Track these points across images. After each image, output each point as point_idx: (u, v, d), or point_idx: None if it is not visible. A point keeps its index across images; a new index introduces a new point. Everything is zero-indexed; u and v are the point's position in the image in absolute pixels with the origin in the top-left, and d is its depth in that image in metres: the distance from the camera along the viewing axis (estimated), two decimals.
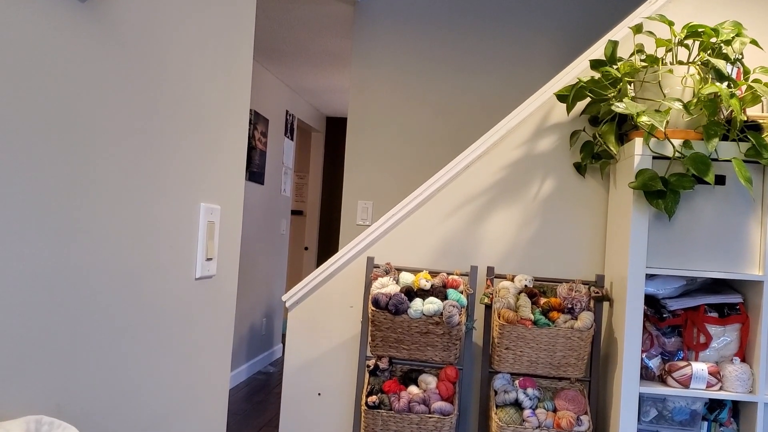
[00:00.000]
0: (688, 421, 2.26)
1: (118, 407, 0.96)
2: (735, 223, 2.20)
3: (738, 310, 2.26)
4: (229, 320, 1.35)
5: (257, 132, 5.29)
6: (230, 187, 1.34)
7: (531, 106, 2.64)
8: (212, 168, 1.25)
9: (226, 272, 1.33)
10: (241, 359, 5.47)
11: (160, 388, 1.09)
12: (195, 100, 1.16)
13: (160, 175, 1.04)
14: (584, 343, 2.30)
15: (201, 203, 1.21)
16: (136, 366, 1.00)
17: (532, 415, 2.28)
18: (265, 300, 5.97)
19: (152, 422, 1.06)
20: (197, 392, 1.23)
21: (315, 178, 7.71)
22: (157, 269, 1.06)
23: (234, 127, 1.34)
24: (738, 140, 2.16)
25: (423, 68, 3.90)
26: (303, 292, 2.74)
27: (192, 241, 1.18)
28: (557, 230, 2.61)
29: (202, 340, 1.24)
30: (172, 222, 1.10)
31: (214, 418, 1.30)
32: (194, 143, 1.16)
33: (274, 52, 5.06)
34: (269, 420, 4.40)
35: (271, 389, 5.22)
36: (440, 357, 2.42)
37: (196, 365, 1.22)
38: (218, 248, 1.29)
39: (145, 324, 1.03)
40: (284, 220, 6.45)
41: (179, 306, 1.14)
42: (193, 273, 1.19)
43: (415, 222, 2.68)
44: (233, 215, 1.35)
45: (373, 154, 3.92)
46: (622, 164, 2.41)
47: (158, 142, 1.03)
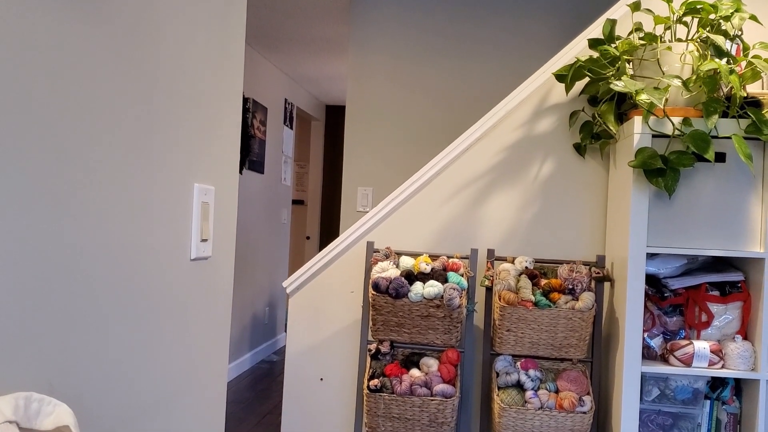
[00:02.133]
0: (690, 400, 2.26)
1: (112, 389, 0.95)
2: (735, 200, 2.19)
3: (739, 288, 2.25)
4: (226, 302, 1.35)
5: (256, 120, 5.27)
6: (225, 168, 1.32)
7: (529, 87, 2.62)
8: (206, 149, 1.23)
9: (221, 254, 1.32)
10: (245, 348, 5.48)
11: (156, 370, 1.08)
12: (188, 80, 1.14)
13: (152, 154, 1.03)
14: (585, 323, 2.30)
15: (195, 183, 1.20)
16: (130, 347, 1.00)
17: (534, 396, 2.27)
18: (267, 289, 5.98)
19: (148, 405, 1.06)
20: (195, 375, 1.22)
21: (315, 168, 7.69)
22: (151, 250, 1.05)
23: (228, 108, 1.33)
24: (738, 117, 2.14)
25: (421, 54, 3.87)
26: (304, 278, 2.74)
27: (186, 222, 1.17)
28: (557, 211, 2.60)
29: (199, 322, 1.23)
30: (165, 202, 1.09)
31: (213, 401, 1.30)
32: (187, 123, 1.15)
33: (272, 40, 5.03)
34: (273, 407, 4.41)
35: (274, 377, 5.23)
36: (441, 340, 2.41)
37: (193, 347, 1.21)
38: (213, 230, 1.29)
39: (139, 304, 1.02)
40: (285, 209, 6.44)
41: (174, 287, 1.13)
42: (187, 254, 1.19)
43: (415, 206, 2.67)
44: (228, 196, 1.34)
45: (373, 140, 3.90)
46: (621, 144, 2.39)
47: (150, 121, 1.02)
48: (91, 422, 0.89)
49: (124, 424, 0.98)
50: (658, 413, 2.27)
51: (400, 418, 2.36)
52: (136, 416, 1.01)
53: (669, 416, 2.27)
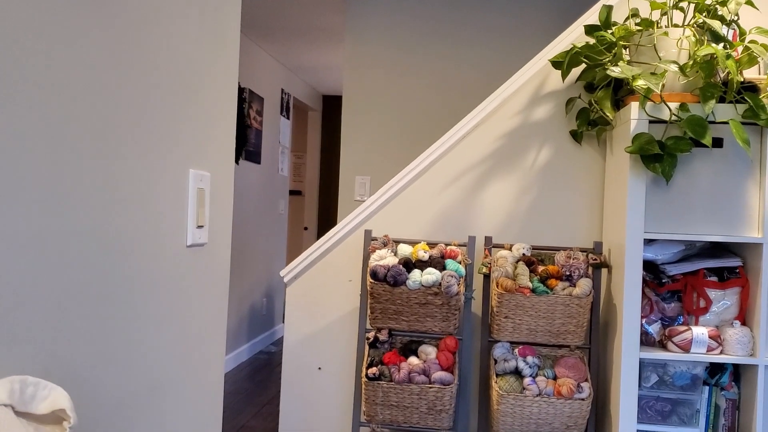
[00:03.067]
0: (689, 386, 2.26)
1: (108, 373, 0.95)
2: (733, 185, 2.18)
3: (737, 274, 2.25)
4: (223, 289, 1.34)
5: (252, 111, 5.25)
6: (220, 154, 1.32)
7: (526, 74, 2.61)
8: (201, 135, 1.23)
9: (218, 240, 1.31)
10: (242, 339, 5.49)
11: (153, 355, 1.08)
12: (182, 66, 1.13)
13: (146, 139, 1.03)
14: (583, 310, 2.30)
15: (190, 169, 1.19)
16: (127, 332, 0.99)
17: (532, 383, 2.28)
18: (265, 280, 5.97)
19: (146, 389, 1.05)
20: (192, 361, 1.22)
21: (313, 158, 7.68)
22: (147, 235, 1.05)
23: (223, 95, 1.32)
24: (735, 102, 2.13)
25: (417, 42, 3.86)
26: (301, 267, 2.73)
27: (182, 208, 1.17)
28: (554, 198, 2.59)
29: (196, 308, 1.23)
30: (160, 188, 1.08)
31: (211, 387, 1.30)
32: (181, 109, 1.14)
33: (267, 29, 5.01)
34: (271, 398, 4.42)
35: (273, 368, 5.24)
36: (440, 327, 2.41)
37: (190, 334, 1.21)
38: (209, 216, 1.28)
39: (135, 290, 1.01)
40: (282, 199, 6.43)
41: (170, 273, 1.13)
42: (184, 240, 1.18)
43: (413, 194, 2.67)
44: (224, 183, 1.34)
45: (370, 129, 3.89)
46: (618, 130, 2.38)
47: (144, 106, 1.01)
48: (87, 406, 0.89)
49: (122, 408, 0.98)
50: (656, 399, 2.27)
51: (398, 405, 2.37)
52: (133, 400, 1.01)
53: (668, 402, 2.27)
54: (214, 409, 1.31)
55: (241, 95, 4.89)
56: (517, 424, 2.30)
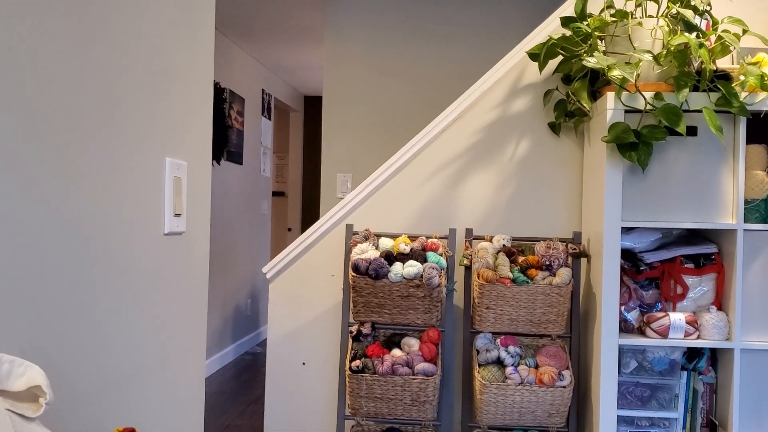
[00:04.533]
0: (667, 371, 2.29)
1: (85, 358, 0.95)
2: (708, 173, 2.22)
3: (713, 260, 2.29)
4: (202, 279, 1.35)
5: (233, 111, 5.25)
6: (197, 144, 1.32)
7: (504, 67, 2.64)
8: (177, 123, 1.23)
9: (196, 229, 1.32)
10: (228, 341, 5.47)
11: (132, 342, 1.08)
12: (155, 54, 1.14)
13: (121, 127, 1.03)
14: (563, 299, 2.32)
15: (166, 158, 1.19)
16: (104, 318, 0.99)
17: (514, 372, 2.29)
18: (249, 281, 5.96)
19: (125, 375, 1.05)
20: (173, 349, 1.22)
21: (296, 159, 7.67)
22: (123, 223, 1.05)
23: (199, 84, 1.32)
24: (708, 90, 2.17)
25: (396, 38, 3.87)
26: (283, 263, 2.74)
27: (158, 196, 1.17)
28: (534, 190, 2.62)
29: (175, 296, 1.23)
30: (136, 176, 1.09)
31: (192, 376, 1.30)
32: (157, 97, 1.15)
33: (247, 29, 5.00)
34: (257, 397, 4.41)
35: (258, 368, 5.23)
36: (422, 320, 2.43)
37: (171, 322, 1.21)
38: (187, 205, 1.28)
39: (113, 277, 1.02)
40: (265, 200, 6.42)
41: (148, 261, 1.13)
42: (161, 228, 1.18)
43: (393, 188, 2.68)
44: (201, 172, 1.34)
45: (351, 126, 3.90)
46: (595, 121, 2.41)
47: (119, 94, 1.02)
48: (63, 390, 0.89)
49: (101, 393, 0.98)
50: (636, 385, 2.30)
51: (382, 398, 2.38)
52: (113, 385, 1.01)
53: (647, 388, 2.30)
54: (195, 399, 1.31)
55: (222, 95, 4.88)
56: (500, 413, 2.32)
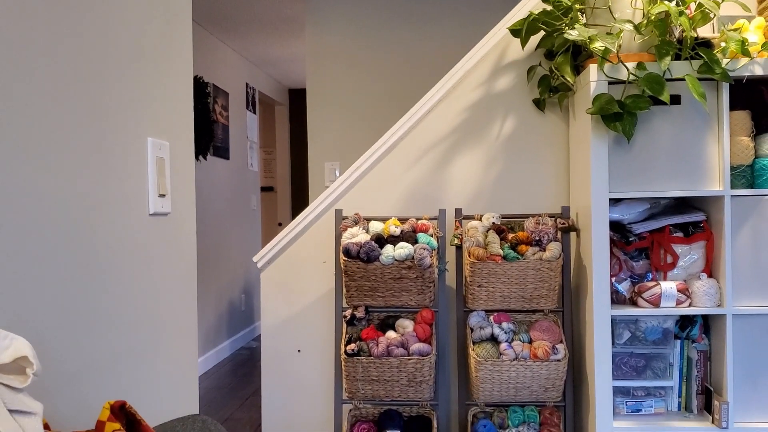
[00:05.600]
0: (661, 340, 2.30)
1: (74, 337, 0.94)
2: (693, 141, 2.22)
3: (702, 228, 2.30)
4: (190, 258, 1.34)
5: (218, 106, 5.22)
6: (179, 124, 1.31)
7: (486, 45, 2.63)
8: (158, 103, 1.22)
9: (182, 210, 1.31)
10: (223, 336, 5.46)
11: (121, 321, 1.07)
12: (135, 33, 1.13)
13: (103, 107, 1.02)
14: (554, 273, 2.33)
15: (148, 138, 1.18)
16: (92, 298, 0.99)
17: (508, 348, 2.30)
18: (242, 276, 5.95)
19: (115, 354, 1.05)
20: (163, 328, 1.22)
21: (283, 153, 7.65)
22: (108, 203, 1.04)
23: (178, 64, 1.31)
24: (690, 58, 2.17)
25: (378, 25, 3.86)
26: (274, 251, 2.73)
27: (142, 176, 1.16)
28: (521, 167, 2.62)
29: (163, 276, 1.22)
30: (119, 156, 1.08)
31: (184, 354, 1.30)
32: (137, 78, 1.14)
33: (229, 23, 4.97)
34: (255, 390, 4.41)
35: (255, 362, 5.22)
36: (415, 301, 2.43)
37: (160, 301, 1.21)
38: (171, 186, 1.27)
39: (100, 256, 1.01)
40: (254, 195, 6.40)
41: (135, 241, 1.12)
42: (146, 209, 1.18)
43: (381, 172, 2.68)
44: (184, 152, 1.33)
45: (336, 114, 3.89)
46: (579, 95, 2.41)
47: (100, 75, 1.01)
48: (52, 367, 0.88)
49: (90, 372, 0.97)
50: (630, 355, 2.31)
51: (378, 380, 2.38)
52: (102, 364, 1.01)
53: (641, 357, 2.31)
54: (188, 378, 1.31)
55: (205, 90, 4.85)
56: (497, 389, 2.32)
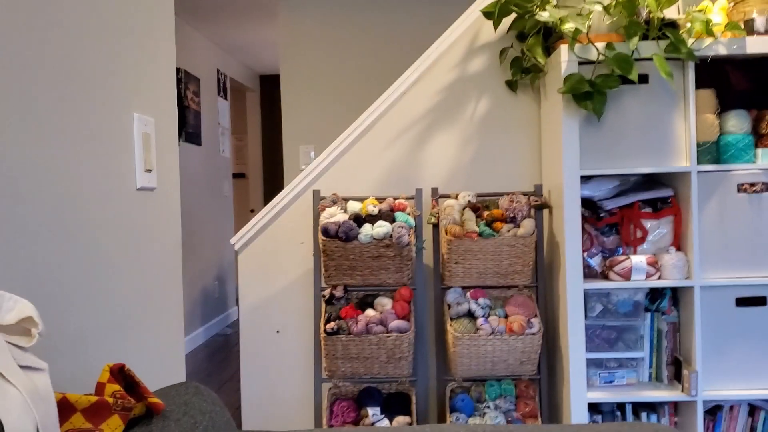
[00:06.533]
0: (631, 312, 2.38)
1: (65, 308, 0.96)
2: (660, 118, 2.29)
3: (670, 203, 2.37)
4: (175, 232, 1.36)
5: (189, 92, 5.19)
6: (163, 100, 1.33)
7: (460, 27, 2.67)
8: (142, 79, 1.23)
9: (167, 185, 1.33)
10: (197, 323, 5.45)
11: (111, 293, 1.09)
12: (122, 13, 1.14)
13: (89, 82, 1.03)
14: (528, 249, 2.39)
15: (134, 113, 1.20)
16: (82, 270, 1.01)
17: (485, 323, 2.36)
18: (215, 263, 5.93)
19: (105, 324, 1.07)
20: (151, 300, 1.24)
21: (254, 140, 7.61)
22: (97, 178, 1.06)
23: (162, 42, 1.32)
24: (657, 38, 2.24)
25: (354, 4, 3.87)
26: (251, 233, 2.75)
27: (128, 152, 1.18)
28: (495, 147, 2.67)
29: (150, 250, 1.24)
30: (106, 131, 1.09)
31: (171, 325, 1.32)
32: (123, 54, 1.15)
33: (199, 9, 4.93)
34: (231, 375, 4.43)
35: (230, 348, 5.23)
36: (394, 279, 2.47)
37: (147, 274, 1.23)
38: (157, 162, 1.29)
39: (89, 230, 1.03)
40: (226, 181, 6.38)
41: (123, 215, 1.14)
42: (133, 183, 1.19)
43: (358, 152, 2.70)
44: (168, 128, 1.35)
45: (311, 97, 3.90)
46: (550, 75, 2.47)
47: (86, 50, 1.02)
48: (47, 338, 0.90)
49: (83, 342, 0.99)
50: (602, 328, 2.39)
51: (358, 357, 2.42)
52: (94, 335, 1.03)
53: (613, 330, 2.39)
54: (175, 348, 1.33)
55: (177, 75, 4.81)
56: (474, 364, 2.38)
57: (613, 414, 2.44)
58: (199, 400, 0.92)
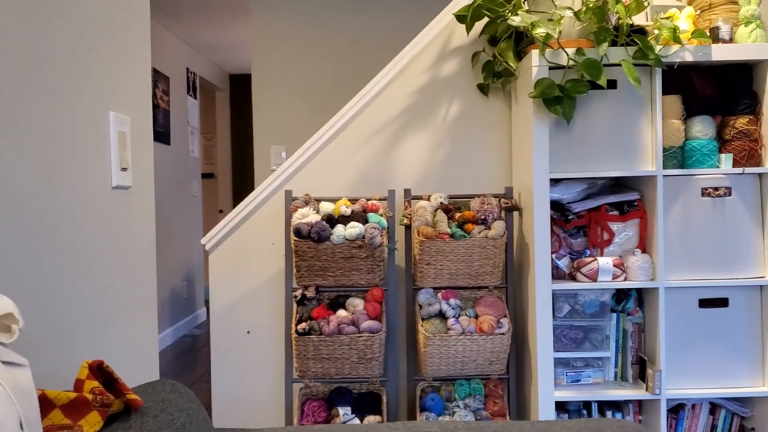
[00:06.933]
0: (598, 313, 2.43)
1: (40, 307, 0.96)
2: (628, 123, 2.35)
3: (636, 206, 2.43)
4: (150, 231, 1.35)
5: (158, 90, 5.14)
6: (138, 98, 1.32)
7: (433, 30, 2.70)
8: (119, 79, 1.23)
9: (142, 184, 1.32)
10: (165, 324, 5.40)
11: (86, 292, 1.09)
12: (97, 11, 1.13)
13: (65, 80, 1.03)
14: (498, 250, 2.42)
15: (110, 111, 1.20)
16: (58, 268, 1.00)
17: (455, 323, 2.38)
18: (183, 264, 5.88)
19: (81, 323, 1.06)
20: (126, 298, 1.23)
21: (223, 140, 7.56)
22: (73, 176, 1.05)
23: (137, 41, 1.32)
24: (626, 45, 2.29)
25: (326, 5, 3.88)
26: (222, 233, 2.74)
27: (104, 150, 1.17)
28: (467, 149, 2.70)
29: (126, 248, 1.24)
30: (82, 129, 1.09)
31: (145, 326, 1.31)
32: (99, 53, 1.14)
33: (170, 6, 4.89)
34: (200, 376, 4.39)
35: (199, 349, 5.19)
36: (365, 280, 2.48)
37: (122, 272, 1.22)
38: (132, 160, 1.29)
39: (64, 229, 1.02)
40: (195, 181, 6.32)
41: (99, 214, 1.14)
42: (109, 182, 1.19)
43: (331, 153, 2.71)
44: (144, 127, 1.34)
45: (283, 98, 3.89)
46: (521, 80, 2.51)
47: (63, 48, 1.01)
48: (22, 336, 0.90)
49: (60, 340, 0.99)
50: (570, 328, 2.43)
51: (329, 358, 2.43)
52: (70, 333, 1.02)
53: (580, 330, 2.43)
54: (149, 346, 1.33)
55: None
56: (444, 364, 2.41)
57: (580, 412, 2.49)
58: (176, 398, 0.92)
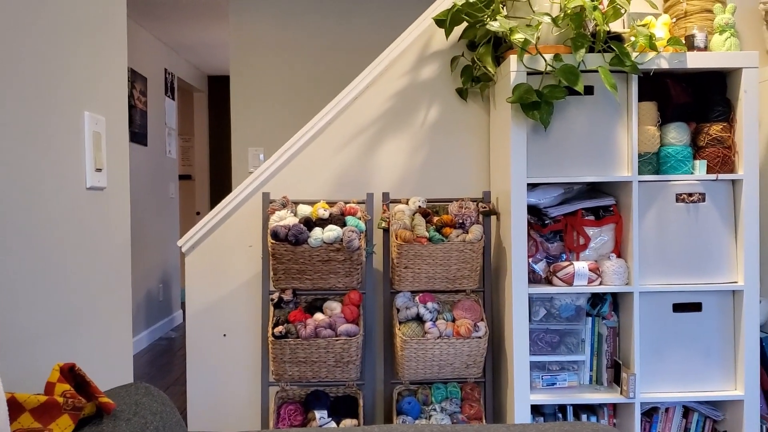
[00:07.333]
0: (574, 317, 2.45)
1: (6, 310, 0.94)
2: (605, 129, 2.37)
3: (611, 212, 2.45)
4: (125, 233, 1.34)
5: (136, 91, 5.09)
6: (113, 98, 1.31)
7: (412, 34, 2.70)
8: (94, 78, 1.22)
9: (117, 185, 1.31)
10: (141, 326, 5.34)
11: (58, 295, 1.07)
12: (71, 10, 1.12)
13: (40, 80, 1.01)
14: (476, 254, 2.43)
15: (85, 111, 1.18)
16: (29, 271, 0.99)
17: (433, 326, 2.39)
18: (159, 266, 5.82)
19: (53, 327, 1.05)
20: (99, 302, 1.22)
21: (201, 141, 7.51)
22: (46, 177, 1.04)
23: (111, 38, 1.31)
24: (603, 51, 2.31)
25: (305, 8, 3.87)
26: (199, 235, 2.71)
27: (79, 150, 1.16)
28: (445, 153, 2.71)
29: (100, 251, 1.22)
30: (56, 129, 1.07)
31: (119, 328, 1.30)
32: (73, 52, 1.13)
33: (147, 6, 4.85)
34: (176, 379, 4.35)
35: (174, 352, 5.14)
36: (343, 283, 2.48)
37: (96, 275, 1.21)
38: (107, 161, 1.27)
39: (37, 230, 1.01)
40: (172, 183, 6.27)
41: (73, 215, 1.12)
42: (83, 182, 1.17)
43: (309, 156, 2.71)
44: (119, 128, 1.33)
45: (260, 99, 3.88)
46: (500, 85, 2.52)
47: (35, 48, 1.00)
48: None
49: (31, 342, 0.97)
50: (546, 332, 2.45)
51: (306, 361, 2.42)
52: (41, 335, 1.01)
53: (556, 334, 2.45)
54: (123, 349, 1.31)
55: None
56: (421, 367, 2.41)
57: (555, 416, 2.50)
58: (150, 401, 0.91)
